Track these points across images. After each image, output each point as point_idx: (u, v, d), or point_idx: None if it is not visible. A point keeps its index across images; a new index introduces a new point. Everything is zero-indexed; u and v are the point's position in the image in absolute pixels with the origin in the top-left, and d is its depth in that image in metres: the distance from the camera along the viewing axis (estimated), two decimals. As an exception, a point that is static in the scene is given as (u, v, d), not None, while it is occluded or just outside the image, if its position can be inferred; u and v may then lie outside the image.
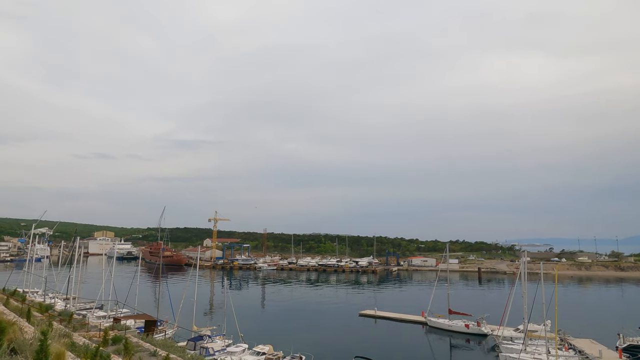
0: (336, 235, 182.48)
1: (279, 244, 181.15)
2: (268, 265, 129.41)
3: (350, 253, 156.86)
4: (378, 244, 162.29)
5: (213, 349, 31.47)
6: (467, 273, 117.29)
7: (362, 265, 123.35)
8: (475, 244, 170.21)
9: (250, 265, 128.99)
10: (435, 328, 46.19)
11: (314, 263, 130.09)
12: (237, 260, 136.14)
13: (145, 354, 17.62)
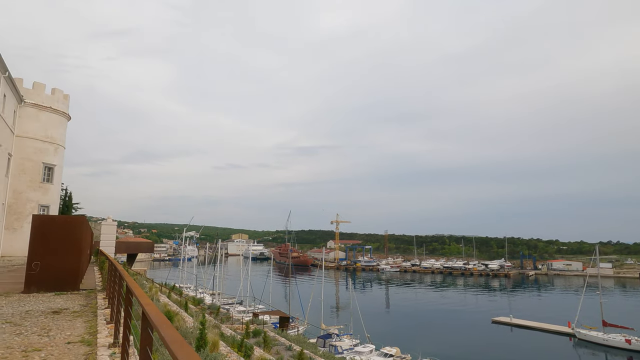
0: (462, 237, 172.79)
1: (401, 245, 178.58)
2: (391, 267, 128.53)
3: (479, 255, 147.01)
4: (510, 245, 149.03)
5: (341, 347, 32.39)
6: (624, 279, 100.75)
7: (492, 269, 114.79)
8: (633, 246, 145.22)
9: (373, 266, 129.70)
10: (586, 342, 40.58)
11: (438, 265, 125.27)
12: (360, 261, 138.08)
13: (282, 348, 18.97)
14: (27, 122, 33.43)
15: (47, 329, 6.68)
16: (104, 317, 7.70)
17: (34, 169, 33.72)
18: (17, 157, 32.70)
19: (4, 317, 7.61)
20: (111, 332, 6.32)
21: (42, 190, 34.03)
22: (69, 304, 9.31)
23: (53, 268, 11.31)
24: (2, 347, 5.56)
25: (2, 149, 29.22)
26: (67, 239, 11.62)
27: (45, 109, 34.69)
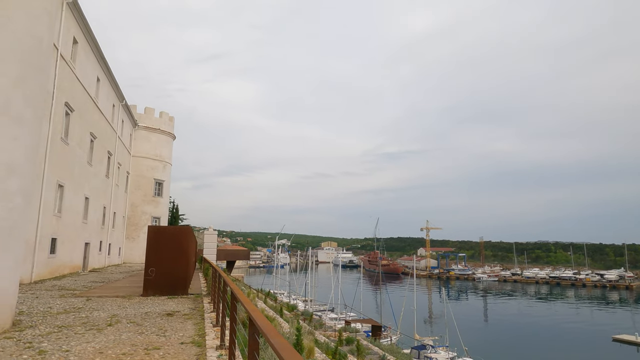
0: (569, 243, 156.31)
1: (498, 253, 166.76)
2: (488, 275, 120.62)
3: (592, 264, 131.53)
4: (631, 253, 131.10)
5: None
6: None
7: (610, 279, 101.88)
8: None
9: (468, 275, 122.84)
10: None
11: (543, 275, 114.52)
12: (454, 270, 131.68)
13: (375, 357, 18.73)
14: (140, 143, 37.59)
15: (164, 330, 7.38)
16: (210, 320, 8.29)
17: (147, 184, 37.68)
18: (133, 175, 36.85)
19: (128, 318, 8.57)
20: (217, 334, 6.77)
21: (154, 203, 37.84)
22: (179, 307, 10.19)
23: (166, 274, 12.50)
24: (129, 344, 6.26)
25: (122, 168, 33.14)
26: (176, 247, 12.79)
27: (155, 131, 38.67)
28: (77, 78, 20.76)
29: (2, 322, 6.84)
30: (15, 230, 7.08)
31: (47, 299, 11.33)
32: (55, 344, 6.17)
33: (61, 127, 18.93)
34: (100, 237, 27.33)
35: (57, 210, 19.12)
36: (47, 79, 8.26)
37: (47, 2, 7.82)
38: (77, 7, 19.35)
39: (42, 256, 17.29)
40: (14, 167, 6.81)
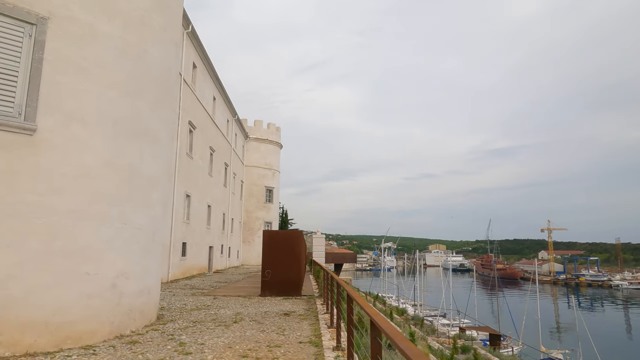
0: None
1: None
2: (629, 282, 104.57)
3: None
4: None
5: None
6: None
7: None
8: None
9: (603, 282, 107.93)
10: None
11: None
12: (584, 275, 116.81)
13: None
14: (251, 153, 40.46)
15: (282, 329, 7.80)
16: (325, 321, 8.54)
17: (259, 192, 40.35)
18: (247, 183, 39.76)
19: (250, 316, 9.24)
20: (333, 336, 6.94)
21: (266, 209, 40.34)
22: (295, 308, 10.69)
23: (280, 275, 13.22)
24: (253, 341, 6.74)
25: (237, 177, 35.97)
26: (289, 250, 13.46)
27: (264, 141, 41.29)
28: (197, 99, 23.17)
29: (150, 316, 7.88)
30: (157, 236, 8.12)
31: (181, 297, 12.75)
32: (192, 337, 6.91)
33: (186, 143, 21.29)
34: (222, 241, 29.99)
35: (186, 217, 21.49)
36: (175, 101, 9.34)
37: (174, 34, 8.89)
38: (195, 35, 21.63)
39: (176, 258, 19.56)
40: (154, 181, 7.83)
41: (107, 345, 6.10)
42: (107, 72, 6.76)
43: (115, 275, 6.69)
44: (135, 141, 7.24)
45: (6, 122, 5.55)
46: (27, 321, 5.54)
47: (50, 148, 5.96)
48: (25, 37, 5.82)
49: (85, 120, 6.37)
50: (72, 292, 6.04)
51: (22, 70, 5.76)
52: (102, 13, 6.72)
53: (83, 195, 6.29)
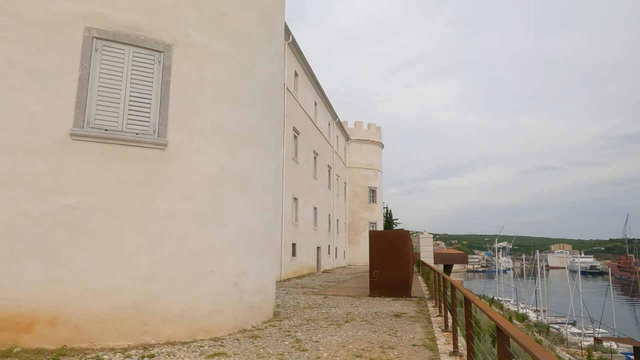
0: None
1: None
2: None
3: None
4: None
5: None
6: None
7: None
8: None
9: None
10: None
11: None
12: None
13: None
14: (353, 155, 40.86)
15: (394, 330, 7.69)
16: (438, 324, 8.21)
17: (362, 192, 40.57)
18: (350, 184, 40.27)
19: (361, 316, 9.29)
20: (449, 340, 6.64)
21: (370, 209, 40.37)
22: (405, 309, 10.47)
23: (388, 276, 13.08)
24: (365, 341, 6.76)
25: (340, 179, 36.61)
26: (396, 250, 13.26)
27: (365, 142, 41.42)
28: (299, 105, 24.15)
29: (268, 312, 8.39)
30: (271, 237, 8.62)
31: (294, 295, 13.35)
32: (307, 334, 7.17)
33: (292, 148, 22.31)
34: (328, 242, 30.77)
35: (295, 219, 22.50)
36: (281, 110, 9.83)
37: (278, 47, 9.37)
38: (296, 45, 22.59)
39: (287, 258, 20.57)
40: (266, 185, 8.33)
41: (232, 339, 6.63)
42: (221, 87, 7.38)
43: (236, 274, 7.25)
44: (248, 149, 7.78)
45: (144, 140, 6.38)
46: (167, 314, 6.29)
47: (178, 160, 6.69)
48: (155, 64, 6.64)
49: (205, 133, 7.04)
50: (201, 289, 6.70)
51: (154, 93, 6.58)
52: (215, 35, 7.37)
53: (206, 201, 6.94)
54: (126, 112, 6.37)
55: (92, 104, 6.16)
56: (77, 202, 5.91)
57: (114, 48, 6.39)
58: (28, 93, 5.91)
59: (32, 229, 5.71)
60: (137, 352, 5.57)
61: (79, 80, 6.11)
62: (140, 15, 6.63)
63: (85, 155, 6.07)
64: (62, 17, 6.18)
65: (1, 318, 5.42)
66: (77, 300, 5.76)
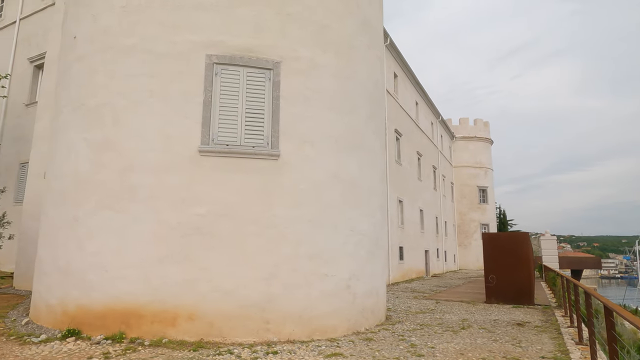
0: None
1: None
2: None
3: None
4: None
5: None
6: None
7: None
8: None
9: None
10: None
11: None
12: None
13: None
14: (459, 153, 38.95)
15: (518, 340, 7.14)
16: (570, 336, 7.42)
17: (470, 192, 38.43)
18: (457, 184, 38.44)
19: (478, 323, 8.81)
20: (584, 354, 5.96)
21: (480, 210, 38.02)
22: (528, 318, 9.64)
23: (506, 281, 12.18)
24: (485, 350, 6.40)
25: (446, 179, 35.18)
26: (514, 254, 12.29)
27: (472, 139, 39.22)
28: (400, 107, 23.82)
29: (379, 316, 8.41)
30: (379, 240, 8.65)
31: (404, 299, 13.15)
32: (421, 339, 7.03)
33: (394, 151, 22.09)
34: (437, 245, 29.68)
35: (400, 222, 22.18)
36: (383, 113, 9.84)
37: (378, 51, 9.42)
38: (394, 46, 22.39)
39: (395, 262, 20.35)
40: (373, 189, 8.40)
41: (347, 340, 6.79)
42: (326, 97, 7.66)
43: (348, 277, 7.42)
44: (354, 155, 7.93)
45: (259, 152, 6.92)
46: (286, 313, 6.69)
47: (290, 169, 7.11)
48: (266, 81, 7.17)
49: (313, 141, 7.37)
50: (316, 291, 7.00)
51: (266, 108, 7.10)
52: (318, 47, 7.69)
53: (317, 207, 7.24)
54: (243, 128, 6.98)
55: (215, 123, 6.87)
56: (206, 211, 6.62)
57: (230, 71, 7.05)
58: (164, 117, 6.83)
59: (172, 235, 6.55)
60: (262, 349, 6.03)
61: (204, 103, 6.88)
62: (251, 37, 7.22)
63: (211, 168, 6.79)
64: (187, 49, 7.02)
65: (152, 313, 6.31)
66: (209, 298, 6.44)
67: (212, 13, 7.11)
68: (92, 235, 6.71)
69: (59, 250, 7.04)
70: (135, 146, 6.78)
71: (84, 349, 5.75)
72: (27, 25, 16.64)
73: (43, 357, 5.37)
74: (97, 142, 6.96)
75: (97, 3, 7.60)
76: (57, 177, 7.48)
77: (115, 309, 6.38)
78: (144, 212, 6.59)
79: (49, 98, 11.08)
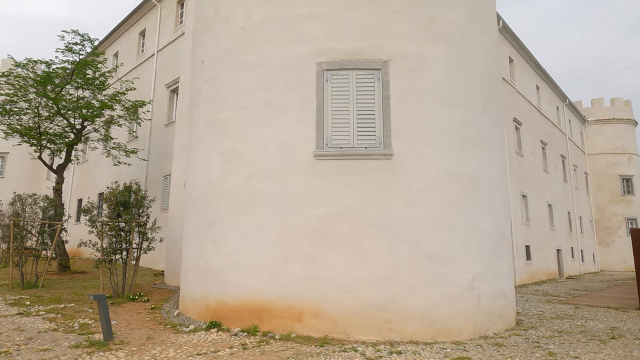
0: None
1: None
2: None
3: None
4: None
5: None
6: None
7: None
8: None
9: None
10: None
11: None
12: None
13: None
14: (593, 139, 34.35)
15: (688, 355, 6.03)
16: None
17: (611, 183, 33.64)
18: (592, 174, 33.92)
19: (632, 333, 7.66)
20: None
21: (625, 203, 33.03)
22: (701, 329, 8.07)
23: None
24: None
25: (579, 169, 31.29)
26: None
27: (609, 122, 34.34)
28: (518, 93, 21.88)
29: (509, 320, 7.82)
30: (504, 239, 8.06)
31: (535, 303, 12.01)
32: (561, 347, 6.35)
33: (514, 141, 20.35)
34: (570, 244, 26.53)
35: (525, 219, 20.33)
36: (502, 102, 9.15)
37: (491, 36, 8.81)
38: (507, 29, 20.67)
39: (521, 262, 18.71)
40: (493, 184, 7.87)
41: (474, 344, 6.45)
42: (438, 91, 7.41)
43: (471, 277, 7.05)
44: (471, 149, 7.52)
45: (372, 152, 6.98)
46: (407, 314, 6.62)
47: (403, 168, 7.03)
48: (375, 81, 7.20)
49: (426, 138, 7.18)
50: (438, 291, 6.79)
51: (377, 108, 7.14)
52: (427, 41, 7.48)
53: (433, 205, 7.03)
54: (355, 130, 7.11)
55: (328, 127, 7.12)
56: (324, 213, 6.89)
57: (340, 75, 7.25)
58: (281, 126, 7.29)
59: (294, 236, 6.95)
60: (385, 348, 6.05)
61: (316, 109, 7.18)
62: (358, 40, 7.33)
63: (326, 171, 7.05)
64: (299, 59, 7.40)
65: (280, 309, 6.77)
66: (331, 296, 6.68)
67: (321, 22, 7.39)
68: (225, 237, 7.45)
69: (199, 251, 7.97)
70: (258, 154, 7.36)
71: (225, 340, 6.41)
72: (162, 56, 19.20)
73: (193, 344, 6.13)
74: (226, 153, 7.72)
75: (219, 28, 8.44)
76: (194, 186, 8.48)
77: (248, 304, 7.00)
78: (268, 215, 7.11)
79: (184, 117, 12.62)
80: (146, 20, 21.16)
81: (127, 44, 22.80)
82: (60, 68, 15.13)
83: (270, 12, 7.69)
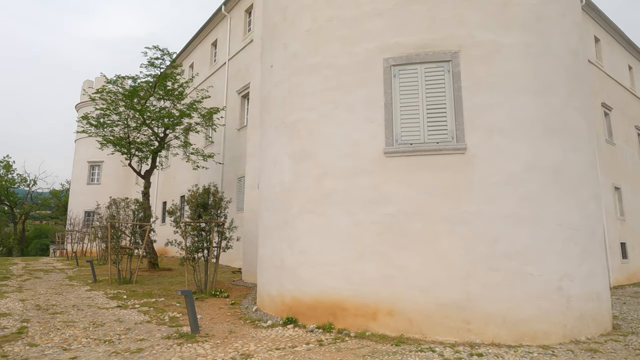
0: None
1: None
2: None
3: None
4: None
5: None
6: None
7: None
8: None
9: None
10: None
11: None
12: None
13: None
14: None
15: None
16: None
17: None
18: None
19: None
20: None
21: None
22: None
23: None
24: None
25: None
26: None
27: None
28: (607, 75, 19.88)
29: (604, 324, 7.15)
30: (595, 235, 7.39)
31: (635, 306, 10.86)
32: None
33: (603, 128, 18.54)
34: (676, 240, 23.54)
35: (619, 213, 18.43)
36: (588, 87, 8.40)
37: (574, 15, 8.12)
38: (591, 5, 18.88)
39: (615, 261, 17.00)
40: (581, 176, 7.25)
41: (564, 349, 5.99)
42: (514, 80, 6.98)
43: (558, 277, 6.56)
44: (554, 139, 6.99)
45: (444, 147, 6.75)
46: (487, 315, 6.31)
47: (478, 162, 6.71)
48: (445, 73, 6.96)
49: (502, 130, 6.79)
50: (520, 292, 6.39)
51: (448, 101, 6.89)
52: (500, 27, 7.07)
53: (513, 200, 6.63)
54: (425, 125, 6.93)
55: (397, 123, 7.01)
56: (396, 210, 6.80)
57: (407, 70, 7.11)
58: (350, 125, 7.32)
59: (366, 234, 6.94)
60: (465, 349, 5.83)
61: (385, 106, 7.10)
62: (425, 33, 7.13)
63: (396, 168, 6.95)
64: (365, 57, 7.37)
65: (355, 306, 6.80)
66: (405, 295, 6.57)
67: (386, 17, 7.30)
68: (298, 236, 7.64)
69: (274, 249, 8.25)
70: (327, 154, 7.45)
71: (302, 336, 6.58)
72: (233, 64, 20.14)
73: (272, 339, 6.37)
74: (296, 154, 7.91)
75: (286, 33, 8.67)
76: (267, 187, 8.79)
77: (322, 301, 7.11)
78: (339, 214, 7.17)
79: (255, 121, 13.14)
80: (217, 31, 22.33)
81: (201, 55, 24.23)
82: (144, 82, 16.50)
83: (334, 13, 7.74)
